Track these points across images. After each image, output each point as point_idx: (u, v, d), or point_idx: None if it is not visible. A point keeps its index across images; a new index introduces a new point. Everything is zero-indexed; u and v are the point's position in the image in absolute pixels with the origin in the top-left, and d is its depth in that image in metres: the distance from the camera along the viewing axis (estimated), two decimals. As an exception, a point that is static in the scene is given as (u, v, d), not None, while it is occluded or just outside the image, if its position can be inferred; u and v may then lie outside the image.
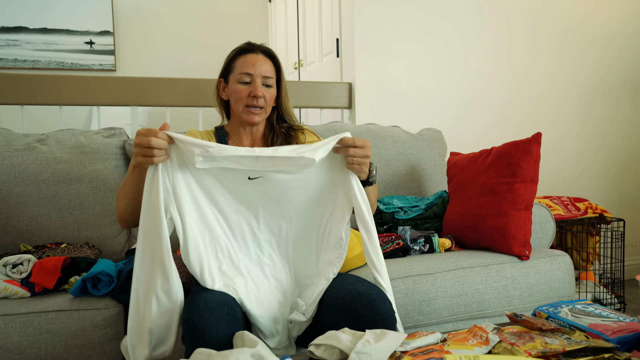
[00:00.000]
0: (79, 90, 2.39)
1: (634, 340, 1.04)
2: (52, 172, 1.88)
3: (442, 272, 1.69)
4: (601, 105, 3.19)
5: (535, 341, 1.04)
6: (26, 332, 1.37)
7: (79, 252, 1.70)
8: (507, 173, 1.86)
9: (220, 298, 1.15)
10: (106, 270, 1.47)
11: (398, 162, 2.31)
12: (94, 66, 4.05)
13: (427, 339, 1.09)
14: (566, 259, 1.88)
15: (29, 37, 3.91)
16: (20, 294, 1.47)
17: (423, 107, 2.81)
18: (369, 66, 2.71)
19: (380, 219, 2.13)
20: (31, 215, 1.83)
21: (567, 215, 2.58)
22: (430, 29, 2.81)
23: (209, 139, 1.53)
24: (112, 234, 1.92)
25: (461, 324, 1.70)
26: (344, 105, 2.75)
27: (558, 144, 3.10)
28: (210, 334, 1.09)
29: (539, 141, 1.84)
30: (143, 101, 2.49)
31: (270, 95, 1.49)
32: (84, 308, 1.43)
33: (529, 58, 3.02)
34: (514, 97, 3.00)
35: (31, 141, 1.95)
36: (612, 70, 3.20)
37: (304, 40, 3.56)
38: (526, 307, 1.77)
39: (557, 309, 1.22)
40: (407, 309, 1.61)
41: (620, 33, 3.19)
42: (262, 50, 1.51)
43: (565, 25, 3.07)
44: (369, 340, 1.01)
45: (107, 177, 1.94)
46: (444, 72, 2.85)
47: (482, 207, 1.89)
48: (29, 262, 1.52)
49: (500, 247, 1.84)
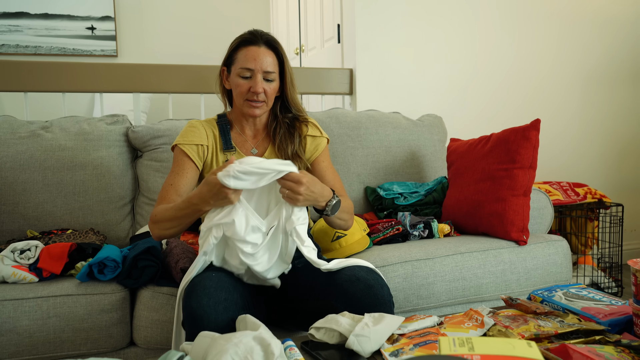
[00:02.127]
0: (82, 77, 2.41)
1: (625, 322, 1.07)
2: (56, 159, 1.91)
3: (440, 257, 1.72)
4: (600, 90, 3.19)
5: (529, 324, 1.07)
6: (35, 315, 1.41)
7: (85, 238, 1.74)
8: (506, 159, 1.88)
9: (218, 284, 1.19)
10: (112, 255, 1.50)
11: (398, 148, 2.33)
12: (96, 52, 4.06)
13: (424, 322, 1.13)
14: (563, 243, 1.91)
15: (31, 22, 3.91)
16: (29, 279, 1.51)
17: (424, 94, 2.82)
18: (370, 52, 2.71)
19: (380, 205, 2.16)
20: (37, 202, 1.86)
21: (566, 200, 2.60)
22: (431, 16, 2.81)
23: (212, 128, 1.54)
24: (116, 220, 1.96)
25: (459, 308, 1.74)
26: (345, 91, 2.76)
27: (558, 129, 3.11)
28: (208, 319, 1.12)
29: (538, 128, 1.85)
30: (145, 88, 2.50)
31: (272, 89, 1.48)
32: (91, 293, 1.46)
33: (528, 44, 3.02)
34: (513, 83, 3.01)
35: (35, 128, 1.97)
36: (611, 55, 3.19)
37: (305, 25, 3.56)
38: (523, 291, 1.81)
39: (551, 292, 1.26)
40: (406, 293, 1.65)
41: (618, 17, 3.18)
42: (265, 41, 1.46)
43: (564, 10, 3.06)
44: (367, 323, 1.05)
45: (111, 163, 1.97)
46: (445, 59, 2.86)
47: (481, 192, 1.92)
48: (36, 248, 1.56)
49: (498, 233, 1.87)
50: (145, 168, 2.03)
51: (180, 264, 1.48)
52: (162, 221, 1.34)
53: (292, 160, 1.50)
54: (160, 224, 1.34)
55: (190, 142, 1.48)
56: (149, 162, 2.03)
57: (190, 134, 1.49)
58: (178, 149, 1.48)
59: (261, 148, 1.56)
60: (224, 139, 1.52)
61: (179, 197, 1.40)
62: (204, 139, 1.50)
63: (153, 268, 1.51)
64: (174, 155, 1.50)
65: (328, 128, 2.24)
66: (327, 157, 1.60)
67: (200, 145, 1.49)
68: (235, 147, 1.53)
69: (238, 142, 1.55)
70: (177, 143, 1.49)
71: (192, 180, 1.47)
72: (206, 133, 1.51)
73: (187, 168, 1.46)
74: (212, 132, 1.53)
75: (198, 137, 1.49)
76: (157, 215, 1.35)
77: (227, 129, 1.54)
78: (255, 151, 1.55)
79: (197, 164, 1.47)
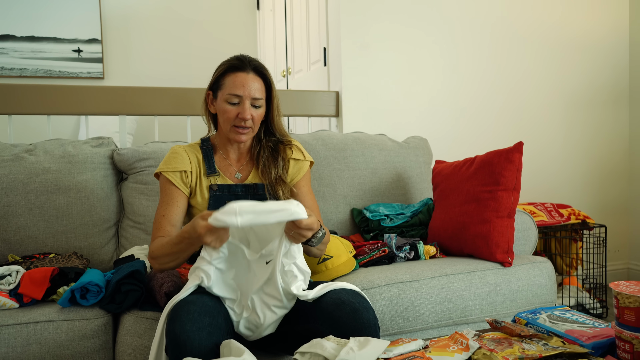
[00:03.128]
0: (67, 100, 2.40)
1: (608, 345, 1.08)
2: (40, 182, 1.89)
3: (426, 279, 1.72)
4: (582, 112, 3.25)
5: (514, 347, 1.07)
6: (14, 343, 1.38)
7: (68, 262, 1.71)
8: (490, 181, 1.90)
9: (202, 309, 1.17)
10: (94, 280, 1.48)
11: (384, 170, 2.35)
12: (82, 74, 4.05)
13: (410, 345, 1.12)
14: (547, 265, 1.93)
15: (16, 45, 3.91)
16: (9, 305, 1.48)
17: (409, 116, 2.86)
18: (356, 75, 2.75)
19: (366, 227, 2.16)
20: (19, 226, 1.84)
21: (550, 221, 2.63)
22: (417, 39, 2.86)
23: (195, 153, 1.54)
24: (100, 243, 1.93)
25: (446, 330, 1.73)
26: (331, 113, 2.79)
27: (543, 152, 3.16)
28: (192, 344, 1.11)
29: (521, 150, 1.88)
30: (131, 110, 2.50)
31: (259, 115, 1.49)
32: (73, 318, 1.44)
33: (515, 68, 3.08)
34: (499, 106, 3.06)
35: (19, 151, 1.95)
36: (592, 78, 3.26)
37: (292, 48, 3.60)
38: (509, 312, 1.81)
39: (535, 315, 1.26)
40: (392, 315, 1.64)
41: (605, 44, 3.26)
42: (253, 67, 1.47)
43: (550, 35, 3.14)
44: (353, 347, 1.04)
45: (96, 186, 1.96)
46: (430, 82, 2.90)
47: (466, 214, 1.93)
48: (17, 273, 1.53)
49: (483, 254, 1.88)
50: (130, 191, 2.02)
51: (164, 288, 1.46)
52: (160, 257, 1.37)
53: (275, 184, 1.52)
54: (159, 259, 1.38)
55: (174, 169, 1.48)
56: (134, 184, 2.02)
57: (173, 160, 1.50)
58: (163, 177, 1.50)
59: (245, 172, 1.56)
60: (207, 163, 1.52)
61: (172, 227, 1.44)
62: (187, 164, 1.50)
63: (137, 292, 1.49)
64: (160, 183, 1.51)
65: (314, 150, 2.25)
66: (308, 182, 1.62)
67: (183, 171, 1.49)
68: (219, 171, 1.53)
69: (222, 166, 1.55)
70: (160, 171, 1.50)
71: (183, 207, 1.49)
72: (189, 158, 1.52)
73: (176, 197, 1.48)
74: (195, 157, 1.53)
75: (181, 163, 1.49)
76: (155, 252, 1.39)
77: (210, 153, 1.55)
78: (239, 175, 1.55)
79: (184, 191, 1.49)
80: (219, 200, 1.48)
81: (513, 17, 3.05)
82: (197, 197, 1.51)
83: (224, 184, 1.51)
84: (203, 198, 1.50)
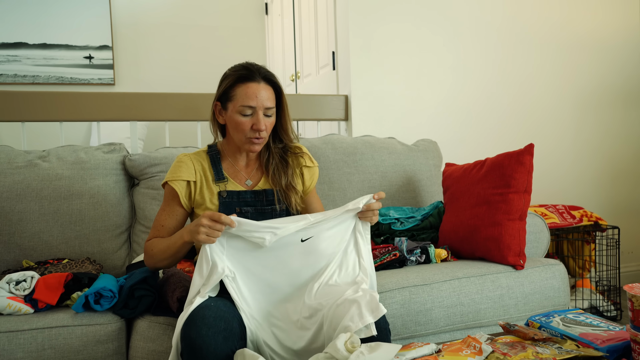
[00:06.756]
0: (79, 107, 2.43)
1: (623, 348, 1.07)
2: (53, 188, 1.91)
3: (438, 283, 1.71)
4: (592, 113, 3.23)
5: (527, 351, 1.06)
6: (30, 348, 1.39)
7: (81, 268, 1.73)
8: (501, 184, 1.89)
9: (217, 314, 1.18)
10: (108, 285, 1.49)
11: (394, 174, 2.35)
12: (93, 80, 4.09)
13: (422, 350, 1.12)
14: (560, 267, 1.91)
15: (29, 52, 3.95)
16: (24, 310, 1.50)
17: (418, 119, 2.85)
18: (364, 79, 2.75)
19: (377, 230, 2.16)
20: (33, 232, 1.86)
21: (562, 223, 2.61)
22: (425, 41, 2.85)
23: (200, 160, 1.54)
24: (113, 248, 1.95)
25: (458, 334, 1.73)
26: (340, 117, 2.79)
27: (554, 153, 3.14)
28: (208, 349, 1.12)
29: (532, 152, 1.87)
30: (142, 116, 2.52)
31: (271, 124, 1.49)
32: (87, 324, 1.45)
33: (524, 69, 3.06)
34: (509, 107, 3.04)
35: (32, 158, 1.98)
36: (607, 80, 3.24)
37: (300, 53, 3.61)
38: (522, 315, 1.80)
39: (549, 318, 1.25)
40: (404, 319, 1.64)
41: (614, 43, 3.24)
42: (263, 76, 1.46)
43: (558, 34, 3.12)
44: (363, 352, 1.04)
45: (108, 192, 1.97)
46: (439, 84, 2.89)
47: (477, 217, 1.92)
48: (32, 278, 1.55)
49: (495, 257, 1.87)
50: (142, 196, 2.03)
51: (176, 293, 1.47)
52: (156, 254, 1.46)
53: (286, 191, 1.53)
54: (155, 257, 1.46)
55: (179, 178, 1.50)
56: (145, 190, 2.03)
57: (178, 170, 1.51)
58: (168, 186, 1.52)
59: (255, 179, 1.57)
60: (215, 170, 1.53)
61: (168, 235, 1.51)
62: (192, 174, 1.51)
63: (150, 297, 1.50)
64: (165, 191, 1.54)
65: (324, 154, 2.26)
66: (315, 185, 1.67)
67: (188, 181, 1.51)
68: (228, 178, 1.54)
69: (230, 172, 1.56)
70: (167, 180, 1.51)
71: (182, 221, 1.55)
72: (194, 167, 1.52)
73: (177, 211, 1.52)
74: (200, 165, 1.53)
75: (186, 172, 1.51)
76: (152, 250, 1.46)
77: (217, 159, 1.55)
78: (249, 182, 1.56)
79: (185, 208, 1.52)
80: (229, 206, 1.49)
81: (520, 17, 3.04)
82: (205, 205, 1.50)
83: (234, 190, 1.52)
84: (213, 204, 1.50)
